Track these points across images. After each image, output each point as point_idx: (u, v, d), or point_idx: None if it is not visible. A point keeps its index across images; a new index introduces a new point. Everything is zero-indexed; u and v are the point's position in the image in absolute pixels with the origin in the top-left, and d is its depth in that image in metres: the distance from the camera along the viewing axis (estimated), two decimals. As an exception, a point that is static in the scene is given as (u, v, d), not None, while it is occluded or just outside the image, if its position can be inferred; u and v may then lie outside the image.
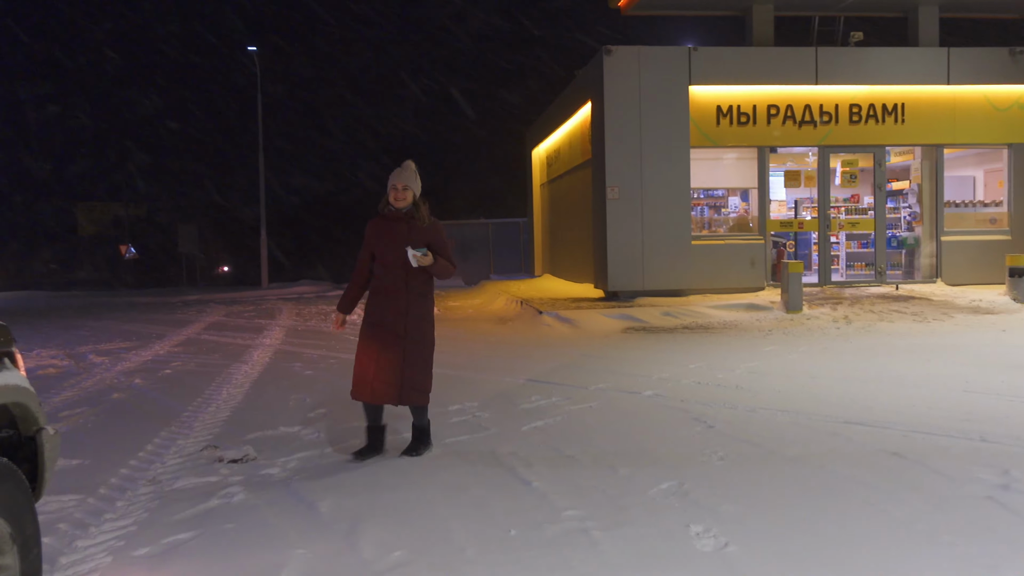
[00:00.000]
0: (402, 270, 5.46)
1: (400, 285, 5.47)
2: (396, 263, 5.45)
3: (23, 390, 3.03)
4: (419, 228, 5.51)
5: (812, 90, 16.12)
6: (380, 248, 5.52)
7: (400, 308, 5.45)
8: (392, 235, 5.49)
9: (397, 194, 5.50)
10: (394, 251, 5.46)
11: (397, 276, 5.47)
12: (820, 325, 11.93)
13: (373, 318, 5.50)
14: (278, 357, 10.59)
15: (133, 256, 40.44)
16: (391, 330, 5.43)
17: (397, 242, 5.45)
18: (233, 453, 5.63)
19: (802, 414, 6.39)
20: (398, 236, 5.47)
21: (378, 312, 5.49)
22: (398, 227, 5.50)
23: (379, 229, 5.56)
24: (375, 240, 5.57)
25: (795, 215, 16.87)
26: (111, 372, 9.77)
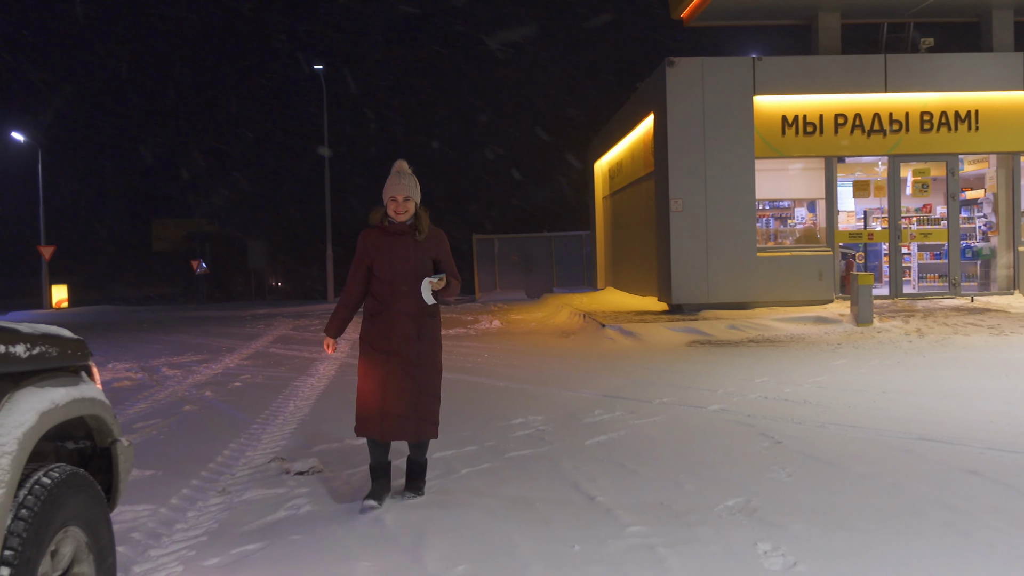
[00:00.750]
0: (410, 290, 4.88)
1: (408, 306, 4.88)
2: (402, 282, 4.88)
3: (99, 403, 3.12)
4: (424, 242, 4.95)
5: (881, 98, 15.79)
6: (381, 265, 4.91)
7: (408, 331, 4.87)
8: (395, 251, 4.90)
9: (397, 207, 4.90)
10: (399, 269, 4.88)
11: (403, 296, 4.88)
12: (891, 338, 11.63)
13: (377, 343, 4.88)
14: (343, 370, 10.72)
15: (204, 271, 41.45)
16: (401, 356, 4.84)
17: (401, 258, 4.89)
18: (300, 465, 5.71)
19: (873, 430, 6.22)
20: (402, 252, 4.90)
21: (382, 336, 4.87)
22: (401, 242, 4.92)
23: (378, 243, 4.94)
24: (374, 255, 4.94)
25: (864, 226, 16.49)
26: (183, 385, 10.00)
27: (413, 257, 4.91)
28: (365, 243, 4.99)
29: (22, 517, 2.51)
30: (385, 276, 4.90)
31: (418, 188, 4.98)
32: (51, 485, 2.64)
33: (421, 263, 4.92)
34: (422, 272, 4.91)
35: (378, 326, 4.90)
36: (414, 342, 4.88)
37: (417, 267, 4.90)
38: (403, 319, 4.88)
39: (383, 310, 4.90)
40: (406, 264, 4.89)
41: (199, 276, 41.81)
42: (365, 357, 4.95)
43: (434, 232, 5.02)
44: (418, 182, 4.99)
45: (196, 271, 41.48)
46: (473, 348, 12.68)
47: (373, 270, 4.96)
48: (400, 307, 4.88)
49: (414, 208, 4.95)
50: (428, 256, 4.96)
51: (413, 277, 4.88)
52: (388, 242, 4.92)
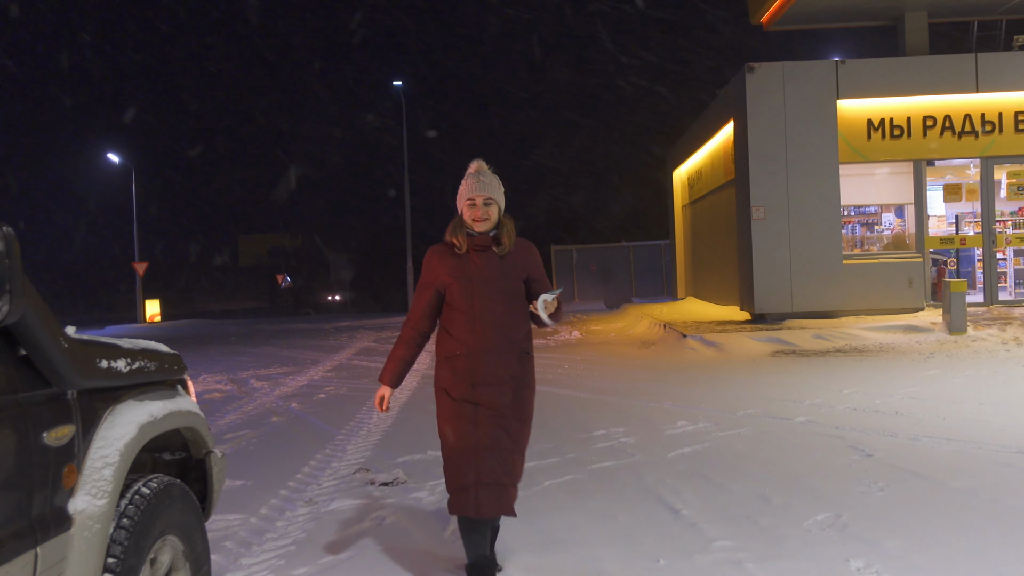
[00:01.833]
0: (499, 322, 3.82)
1: (499, 342, 3.80)
2: (488, 311, 3.80)
3: (194, 415, 3.22)
4: (510, 257, 3.89)
5: (972, 99, 15.25)
6: (458, 290, 3.83)
7: (501, 375, 3.79)
8: (475, 271, 3.83)
9: (477, 212, 3.85)
10: (483, 294, 3.81)
11: (491, 329, 3.79)
12: (987, 347, 11.19)
13: (460, 391, 3.79)
14: (425, 382, 10.83)
15: (289, 285, 42.48)
16: (493, 408, 3.77)
17: (485, 280, 3.82)
18: (384, 476, 5.79)
19: (970, 443, 5.99)
20: (485, 271, 3.83)
21: (465, 383, 3.79)
22: (483, 259, 3.85)
23: (451, 262, 3.87)
24: (446, 278, 3.85)
25: (956, 231, 15.93)
26: (270, 396, 10.25)
27: (500, 277, 3.84)
28: (433, 263, 3.90)
29: (123, 526, 2.60)
30: (464, 304, 3.80)
31: (502, 190, 3.95)
32: (150, 495, 2.74)
33: (510, 284, 3.87)
34: (512, 296, 3.87)
35: (460, 371, 3.80)
36: (508, 388, 3.82)
37: (507, 289, 3.84)
38: (492, 359, 3.79)
39: (463, 350, 3.80)
40: (492, 287, 3.82)
41: (284, 289, 42.86)
42: (445, 411, 3.85)
43: (522, 245, 3.96)
44: (501, 184, 3.96)
45: (281, 285, 42.53)
46: (553, 359, 12.67)
47: (447, 297, 3.88)
48: (487, 344, 3.79)
49: (497, 215, 3.88)
50: (518, 275, 3.90)
51: (503, 304, 3.82)
52: (464, 260, 3.85)
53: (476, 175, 3.91)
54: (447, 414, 3.84)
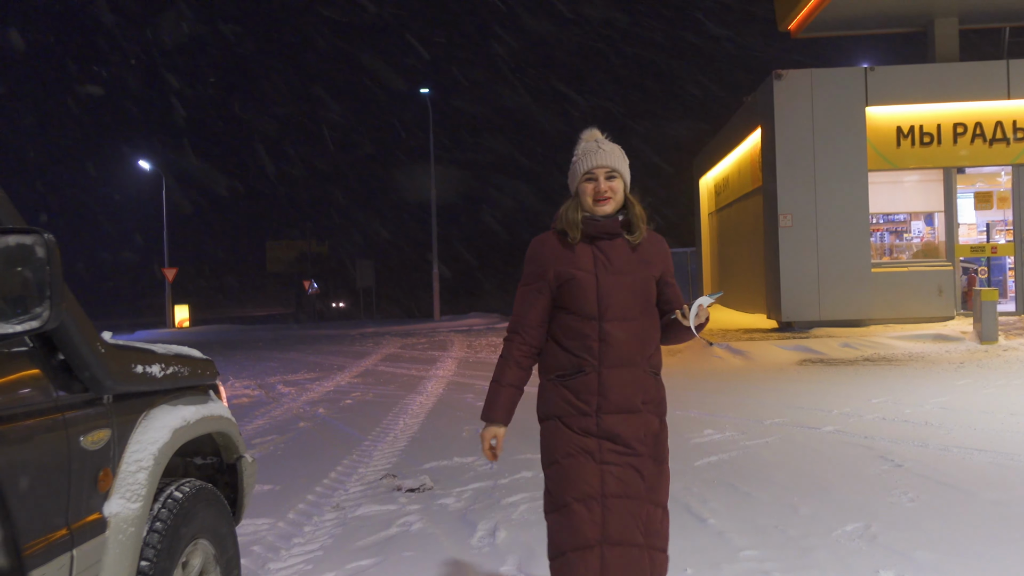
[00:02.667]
0: (636, 330, 2.96)
1: (633, 356, 2.94)
2: (620, 316, 2.93)
3: (226, 420, 3.26)
4: (642, 249, 3.04)
5: (1004, 105, 15.09)
6: (579, 290, 2.95)
7: (635, 401, 2.94)
8: (600, 265, 2.97)
9: (599, 187, 2.98)
10: (613, 294, 2.94)
11: (627, 340, 2.93)
12: (1019, 357, 11.04)
13: (583, 421, 2.93)
14: (451, 388, 10.86)
15: (315, 291, 42.74)
16: (625, 444, 2.91)
17: (615, 275, 2.96)
18: (411, 482, 5.81)
19: (1002, 454, 5.92)
20: (615, 264, 2.97)
21: (588, 409, 2.93)
22: (610, 250, 2.99)
23: (568, 256, 2.99)
24: (563, 276, 2.98)
25: (987, 239, 15.75)
26: (297, 402, 10.32)
27: (631, 272, 2.98)
28: (545, 253, 3.03)
29: (156, 529, 2.64)
30: (588, 307, 2.94)
31: (626, 162, 3.10)
32: (183, 499, 2.77)
33: (643, 283, 2.99)
34: (646, 298, 3.01)
35: (581, 394, 2.94)
36: (642, 418, 2.96)
37: (640, 289, 2.98)
38: (625, 379, 2.93)
39: (585, 366, 2.93)
40: (623, 284, 2.96)
41: (311, 296, 43.12)
42: (560, 447, 2.96)
43: (651, 235, 3.10)
44: (625, 156, 3.10)
45: (308, 291, 42.80)
46: (578, 366, 12.66)
47: (562, 299, 2.99)
48: (619, 358, 2.93)
49: (623, 193, 3.04)
50: (651, 272, 3.03)
51: (637, 307, 2.97)
52: (583, 252, 2.99)
53: (596, 143, 3.07)
54: (562, 450, 2.95)
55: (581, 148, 3.10)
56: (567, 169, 3.08)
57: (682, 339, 3.08)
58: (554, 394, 3.01)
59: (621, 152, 3.09)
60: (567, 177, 3.13)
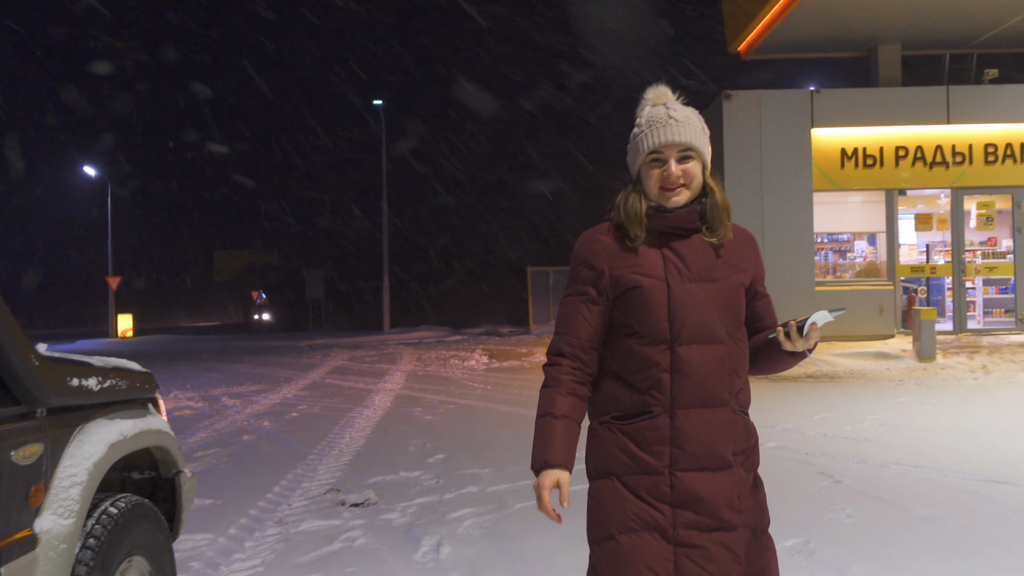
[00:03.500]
0: (722, 358, 2.24)
1: (717, 394, 2.24)
2: (704, 338, 2.23)
3: (165, 435, 3.21)
4: (730, 250, 2.34)
5: (943, 130, 15.53)
6: (646, 301, 2.25)
7: (722, 453, 2.25)
8: (677, 271, 2.27)
9: (670, 172, 2.27)
10: (693, 307, 2.24)
11: (709, 371, 2.22)
12: (956, 375, 11.34)
13: (650, 482, 2.22)
14: (399, 402, 10.80)
15: (264, 302, 42.25)
16: (710, 513, 2.21)
17: (696, 282, 2.26)
18: (355, 497, 5.76)
19: (937, 470, 6.07)
20: (694, 268, 2.27)
21: (657, 464, 2.23)
22: (687, 251, 2.29)
23: (631, 259, 2.28)
24: (624, 282, 2.27)
25: (927, 259, 16.17)
26: (242, 414, 10.18)
27: (716, 281, 2.28)
28: (597, 256, 2.30)
29: (90, 546, 2.59)
30: (658, 329, 2.23)
31: (707, 135, 2.36)
32: (118, 515, 2.73)
33: (730, 295, 2.29)
34: (734, 316, 2.30)
35: (647, 443, 2.22)
36: (733, 477, 2.26)
37: (724, 302, 2.27)
38: (706, 425, 2.22)
39: (652, 406, 2.22)
40: (704, 297, 2.25)
41: (259, 306, 42.61)
42: (615, 515, 2.25)
43: (739, 234, 2.39)
44: (706, 128, 2.36)
45: (256, 301, 42.31)
46: (527, 381, 12.69)
47: (622, 318, 2.27)
48: (698, 396, 2.22)
49: (701, 177, 2.30)
50: (739, 278, 2.33)
51: (723, 327, 2.26)
52: (654, 254, 2.27)
53: (666, 111, 2.28)
54: (619, 523, 2.22)
55: (645, 115, 2.33)
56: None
57: (782, 366, 2.41)
58: (609, 442, 2.26)
59: (699, 121, 2.34)
60: (625, 154, 2.39)
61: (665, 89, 2.38)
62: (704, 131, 2.33)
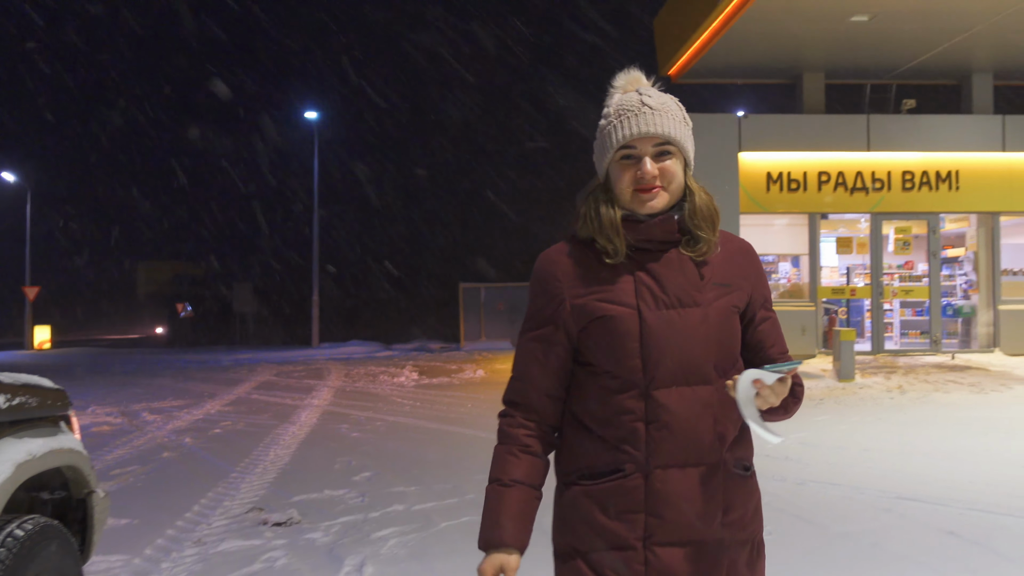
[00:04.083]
0: (705, 403, 1.84)
1: (701, 448, 1.85)
2: (684, 379, 1.83)
3: (77, 454, 3.12)
4: (718, 266, 1.93)
5: (864, 157, 16.05)
6: (609, 339, 1.85)
7: (706, 525, 1.86)
8: (650, 294, 1.86)
9: (644, 171, 1.86)
10: (669, 338, 1.83)
11: (689, 421, 1.83)
12: (873, 395, 11.68)
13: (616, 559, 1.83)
14: (326, 418, 10.67)
15: (189, 315, 41.31)
16: None
17: (673, 307, 1.85)
18: (278, 516, 5.66)
19: (854, 488, 6.23)
20: (673, 293, 1.86)
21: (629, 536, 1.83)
22: (663, 269, 1.88)
23: (597, 282, 1.89)
24: (588, 311, 1.88)
25: (847, 282, 16.66)
26: (163, 431, 9.93)
27: (699, 304, 1.88)
28: (554, 283, 1.94)
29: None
30: (628, 369, 1.85)
31: (689, 127, 1.94)
32: (24, 537, 2.63)
33: (719, 322, 1.89)
34: (723, 348, 1.89)
35: (618, 511, 1.85)
36: (725, 552, 1.91)
37: (711, 331, 1.87)
38: (689, 488, 1.85)
39: (623, 464, 1.85)
40: (683, 325, 1.86)
41: (184, 319, 41.62)
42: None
43: (734, 244, 2.02)
44: (687, 118, 1.95)
45: (181, 314, 41.32)
46: (457, 398, 12.65)
47: (588, 355, 1.91)
48: (677, 452, 1.85)
49: (682, 178, 1.92)
50: (731, 300, 1.92)
51: (708, 362, 1.86)
52: (621, 274, 1.89)
53: (639, 100, 1.90)
54: None
55: (614, 104, 1.93)
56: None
57: (772, 419, 1.92)
58: (573, 510, 1.88)
59: (679, 109, 1.94)
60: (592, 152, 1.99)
61: (638, 74, 1.98)
62: (685, 122, 1.93)
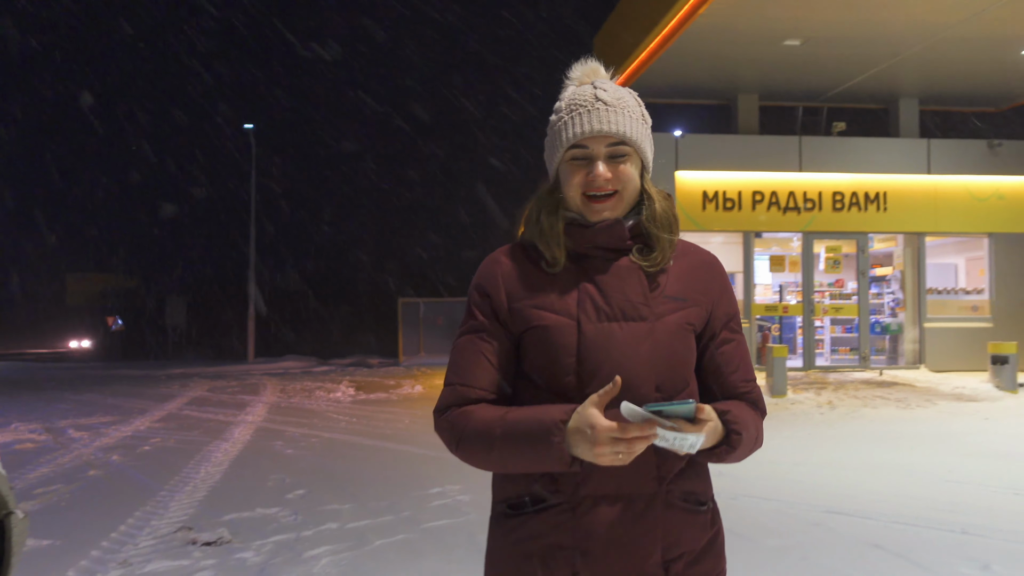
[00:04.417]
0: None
1: (638, 479, 1.63)
2: (625, 396, 1.55)
3: (-6, 472, 3.01)
4: (674, 279, 1.76)
5: (796, 177, 16.45)
6: (544, 350, 1.68)
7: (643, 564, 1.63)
8: (593, 305, 1.69)
9: (596, 173, 1.71)
10: (611, 358, 1.64)
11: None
12: (804, 410, 11.92)
13: None
14: (259, 435, 10.48)
15: (120, 328, 40.30)
16: None
17: (619, 325, 1.67)
18: (207, 535, 5.54)
19: (785, 502, 6.34)
20: (619, 306, 1.69)
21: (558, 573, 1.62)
22: (611, 280, 1.71)
23: (538, 289, 1.73)
24: (525, 318, 1.71)
25: (780, 299, 17.02)
26: (89, 448, 9.65)
27: (646, 318, 1.69)
28: (495, 283, 1.78)
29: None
30: (562, 383, 1.66)
31: (648, 125, 1.80)
32: (-65, 561, 2.53)
33: (668, 340, 1.70)
34: (668, 367, 1.69)
35: (543, 547, 1.64)
36: None
37: (658, 350, 1.68)
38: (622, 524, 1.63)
39: (552, 492, 1.65)
40: (626, 341, 1.67)
41: (115, 332, 40.59)
42: None
43: (696, 258, 1.84)
44: (647, 116, 1.81)
45: (111, 327, 40.29)
46: (394, 414, 12.55)
47: (525, 365, 1.74)
48: (607, 480, 1.63)
49: (638, 181, 1.77)
50: (685, 317, 1.73)
51: (650, 382, 1.66)
52: (564, 282, 1.74)
53: (591, 89, 1.76)
54: None
55: (567, 97, 1.78)
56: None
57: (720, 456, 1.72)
58: (502, 543, 1.69)
59: (637, 105, 1.78)
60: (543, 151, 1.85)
61: (596, 65, 1.81)
62: (644, 120, 1.77)
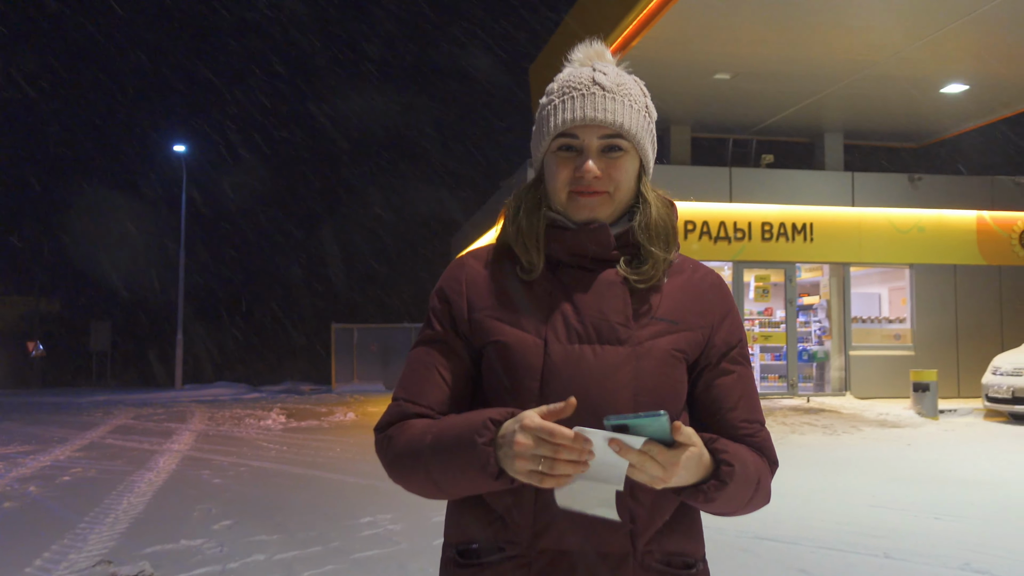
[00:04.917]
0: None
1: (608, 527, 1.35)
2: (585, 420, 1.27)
3: None
4: (669, 298, 1.49)
5: (726, 208, 16.80)
6: (505, 371, 1.42)
7: None
8: (567, 320, 1.43)
9: (585, 167, 1.44)
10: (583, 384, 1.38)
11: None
12: (735, 437, 12.09)
13: None
14: (185, 464, 10.22)
15: (40, 353, 38.99)
16: None
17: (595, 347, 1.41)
18: (128, 569, 5.36)
19: (711, 528, 6.35)
20: (598, 326, 1.42)
21: None
22: (591, 294, 1.45)
23: (504, 300, 1.47)
24: (486, 331, 1.46)
25: (711, 327, 17.30)
26: (4, 479, 9.28)
27: (627, 339, 1.43)
28: (457, 291, 1.53)
29: None
30: (526, 408, 1.30)
31: (652, 119, 1.54)
32: None
33: (654, 368, 1.43)
34: (651, 394, 1.41)
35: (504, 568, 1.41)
36: None
37: (642, 372, 1.42)
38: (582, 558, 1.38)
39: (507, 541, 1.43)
40: (602, 363, 1.41)
41: (35, 358, 39.24)
42: None
43: (692, 274, 1.57)
44: (652, 109, 1.54)
45: (31, 353, 38.94)
46: (325, 442, 12.37)
47: (487, 380, 1.47)
48: (576, 527, 1.36)
49: (634, 180, 1.53)
50: (676, 342, 1.46)
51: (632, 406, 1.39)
52: (540, 291, 1.47)
53: (590, 71, 1.51)
54: None
55: (561, 79, 1.53)
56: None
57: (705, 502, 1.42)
58: None
59: (641, 94, 1.53)
60: None
61: (601, 48, 1.55)
62: (648, 112, 1.53)
